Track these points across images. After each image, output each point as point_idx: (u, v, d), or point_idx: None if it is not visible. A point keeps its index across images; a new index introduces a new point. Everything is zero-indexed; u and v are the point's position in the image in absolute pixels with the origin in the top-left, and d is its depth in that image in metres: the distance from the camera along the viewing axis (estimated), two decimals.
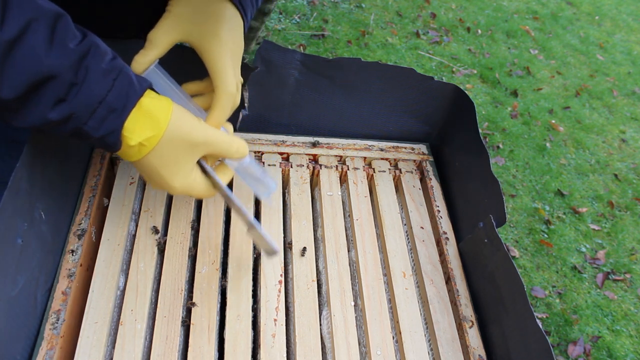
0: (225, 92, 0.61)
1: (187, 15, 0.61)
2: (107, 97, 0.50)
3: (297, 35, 2.69)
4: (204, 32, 0.61)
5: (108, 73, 0.50)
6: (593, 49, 3.20)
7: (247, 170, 0.64)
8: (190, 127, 0.56)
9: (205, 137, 0.58)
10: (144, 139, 0.53)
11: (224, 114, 0.62)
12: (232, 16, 0.63)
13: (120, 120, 0.52)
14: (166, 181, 0.58)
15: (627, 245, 2.07)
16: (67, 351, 0.61)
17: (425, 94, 0.84)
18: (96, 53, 0.50)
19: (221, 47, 0.62)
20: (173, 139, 0.55)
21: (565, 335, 1.73)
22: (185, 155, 0.57)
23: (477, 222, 0.71)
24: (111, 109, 0.51)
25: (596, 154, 2.46)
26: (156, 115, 0.54)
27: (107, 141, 0.52)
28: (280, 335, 0.63)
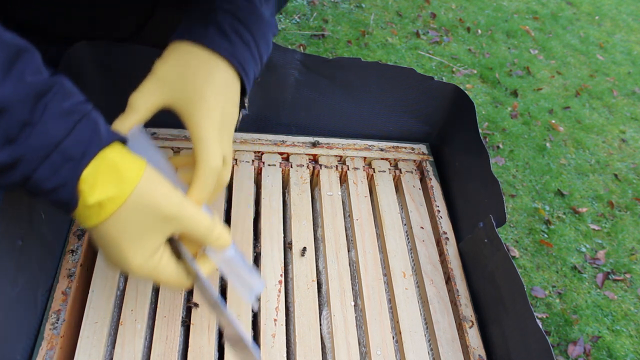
0: (207, 165, 0.52)
1: (172, 77, 0.54)
2: (65, 141, 0.42)
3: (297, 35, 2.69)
4: (189, 97, 0.53)
5: (69, 114, 0.43)
6: (593, 49, 3.20)
7: (230, 264, 0.53)
8: (163, 195, 0.47)
9: (179, 211, 0.47)
10: (105, 197, 0.44)
11: (205, 191, 0.52)
12: (225, 78, 0.55)
13: (76, 171, 0.43)
14: (124, 257, 0.47)
15: (627, 245, 2.07)
16: (67, 351, 0.61)
17: (425, 94, 0.84)
18: (60, 91, 0.43)
19: (206, 114, 0.53)
20: (139, 205, 0.46)
21: (565, 335, 1.73)
22: (151, 228, 0.47)
23: (477, 222, 0.71)
24: (67, 157, 0.42)
25: (596, 154, 2.46)
26: (123, 172, 0.45)
27: (60, 195, 0.43)
28: (280, 335, 0.63)
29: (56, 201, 0.44)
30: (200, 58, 0.54)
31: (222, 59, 0.55)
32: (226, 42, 0.55)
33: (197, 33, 0.55)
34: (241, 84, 0.58)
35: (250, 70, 0.58)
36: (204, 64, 0.54)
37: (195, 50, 0.54)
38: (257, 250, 0.72)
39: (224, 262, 0.53)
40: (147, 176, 0.46)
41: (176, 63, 0.54)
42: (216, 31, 0.55)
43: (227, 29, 0.56)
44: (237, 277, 0.54)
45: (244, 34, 0.57)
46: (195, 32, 0.55)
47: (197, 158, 0.52)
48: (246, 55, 0.57)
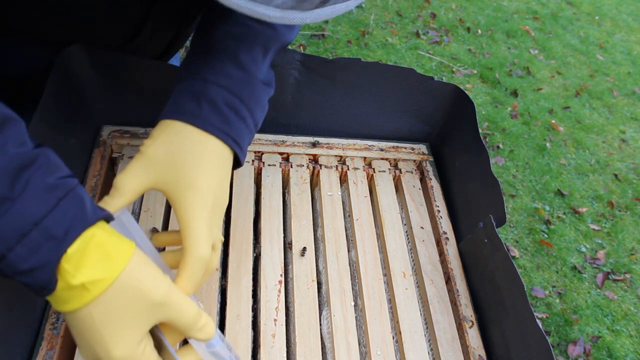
0: (195, 256, 0.49)
1: (161, 158, 0.51)
2: (46, 219, 0.39)
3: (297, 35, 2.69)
4: (179, 181, 0.50)
5: (53, 190, 0.40)
6: (593, 49, 3.21)
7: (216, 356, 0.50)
8: (152, 280, 0.44)
9: (167, 298, 0.44)
10: (91, 279, 0.40)
11: (193, 282, 0.49)
12: (219, 159, 0.53)
13: (58, 251, 0.39)
14: (105, 346, 0.42)
15: (627, 245, 2.07)
16: (67, 351, 0.61)
17: (425, 94, 0.84)
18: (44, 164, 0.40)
19: (197, 201, 0.50)
20: (127, 289, 0.42)
21: (565, 335, 1.73)
22: (137, 315, 0.43)
23: (477, 222, 0.71)
24: (49, 235, 0.39)
25: (596, 154, 2.46)
26: (111, 253, 0.42)
27: (37, 277, 0.39)
28: (280, 335, 0.63)
29: (32, 283, 0.40)
30: (193, 139, 0.52)
31: (216, 139, 0.53)
32: (221, 121, 0.53)
33: (190, 112, 0.52)
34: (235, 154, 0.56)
35: (245, 143, 0.57)
36: (197, 146, 0.52)
37: (187, 131, 0.52)
38: (257, 250, 0.72)
39: (209, 353, 0.50)
40: (135, 258, 0.43)
41: (167, 144, 0.51)
42: (210, 109, 0.53)
43: (222, 106, 0.54)
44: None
45: (239, 109, 0.55)
46: (187, 111, 0.53)
47: (185, 247, 0.49)
48: (242, 129, 0.55)
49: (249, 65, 0.57)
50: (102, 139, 0.78)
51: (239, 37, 0.58)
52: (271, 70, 0.63)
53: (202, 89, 0.54)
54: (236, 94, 0.55)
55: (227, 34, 0.58)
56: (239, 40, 0.58)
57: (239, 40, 0.58)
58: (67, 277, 0.40)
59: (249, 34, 0.59)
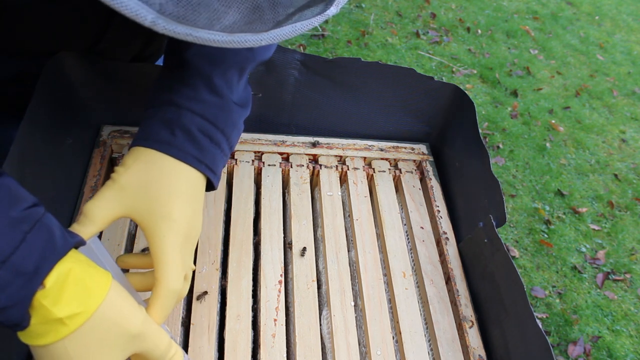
0: (168, 289, 0.48)
1: (134, 187, 0.49)
2: (14, 255, 0.37)
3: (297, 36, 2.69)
4: (152, 211, 0.49)
5: (18, 223, 0.38)
6: (593, 49, 3.21)
7: None
8: (129, 313, 0.43)
9: (143, 330, 0.44)
10: (68, 315, 0.39)
11: (165, 313, 0.48)
12: (193, 188, 0.52)
13: (30, 288, 0.38)
14: None
15: (627, 245, 2.07)
16: None
17: (425, 94, 0.84)
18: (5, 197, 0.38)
19: (171, 232, 0.49)
20: (104, 323, 0.41)
21: (565, 335, 1.73)
22: (113, 348, 0.42)
23: (477, 222, 0.71)
24: (18, 272, 0.37)
25: (596, 154, 2.46)
26: (89, 287, 0.41)
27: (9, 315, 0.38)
28: (280, 335, 0.63)
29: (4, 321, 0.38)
30: (167, 168, 0.51)
31: (190, 167, 0.52)
32: (195, 149, 0.52)
33: (164, 141, 0.52)
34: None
35: (220, 167, 0.56)
36: (171, 176, 0.51)
37: (161, 160, 0.51)
38: (257, 250, 0.72)
39: None
40: (112, 291, 0.43)
41: (140, 173, 0.50)
42: (184, 138, 0.52)
43: (196, 133, 0.53)
44: None
45: (214, 135, 0.54)
46: (161, 140, 0.52)
47: (158, 278, 0.48)
48: (216, 155, 0.55)
49: (224, 90, 0.56)
50: (102, 139, 0.78)
51: (213, 60, 0.56)
52: (248, 88, 0.61)
53: (175, 117, 0.53)
54: (211, 120, 0.54)
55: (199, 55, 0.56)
56: (213, 63, 0.56)
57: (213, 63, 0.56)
58: (44, 312, 0.39)
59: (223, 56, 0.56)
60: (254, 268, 0.69)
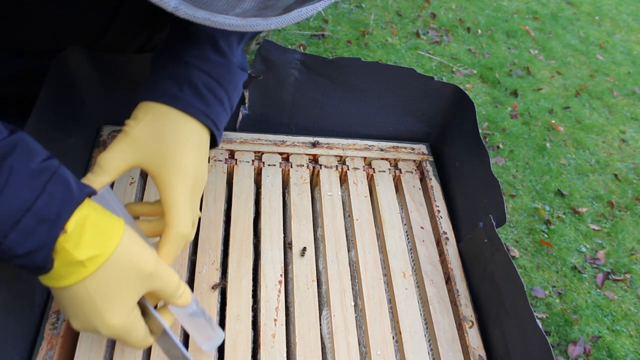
0: (178, 233, 0.52)
1: (145, 139, 0.53)
2: (36, 203, 0.40)
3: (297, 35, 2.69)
4: (163, 160, 0.53)
5: (38, 175, 0.41)
6: (593, 49, 3.21)
7: (191, 319, 0.54)
8: (142, 253, 0.47)
9: (156, 269, 0.48)
10: (88, 257, 0.43)
11: (174, 254, 0.53)
12: (199, 140, 0.55)
13: (53, 233, 0.41)
14: (101, 316, 0.46)
15: (627, 245, 2.07)
16: (67, 351, 0.61)
17: (425, 94, 0.84)
18: (24, 151, 0.41)
19: (181, 180, 0.53)
20: (120, 264, 0.45)
21: (565, 335, 1.73)
22: (130, 287, 0.47)
23: (477, 222, 0.71)
24: (41, 219, 0.41)
25: (596, 154, 2.46)
26: (105, 231, 0.45)
27: (34, 259, 0.41)
28: (280, 335, 0.63)
29: (29, 264, 0.41)
30: (175, 121, 0.54)
31: (196, 120, 0.55)
32: (201, 103, 0.55)
33: (172, 95, 0.54)
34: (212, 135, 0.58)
35: (222, 124, 0.59)
36: (179, 127, 0.54)
37: (169, 113, 0.54)
38: (257, 250, 0.72)
39: (186, 317, 0.54)
40: (126, 234, 0.46)
41: (150, 125, 0.53)
42: (191, 92, 0.55)
43: (203, 89, 0.56)
44: (198, 330, 0.55)
45: (218, 92, 0.57)
46: (170, 94, 0.54)
47: (168, 222, 0.52)
48: (220, 112, 0.58)
49: (226, 51, 0.59)
50: (102, 139, 0.78)
51: None
52: (244, 55, 0.65)
53: (183, 73, 0.56)
54: (216, 79, 0.57)
55: None
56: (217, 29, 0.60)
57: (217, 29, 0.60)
58: (66, 255, 0.42)
59: None
60: (254, 268, 0.69)
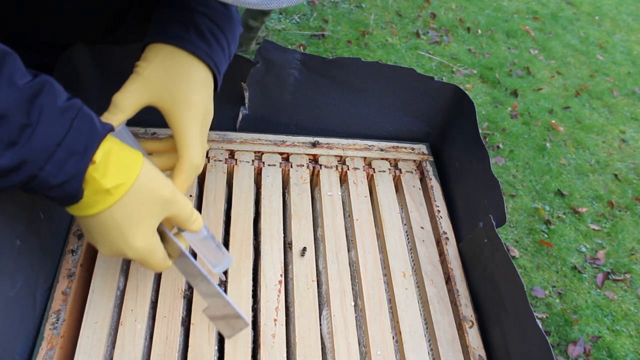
0: (191, 164, 0.57)
1: (157, 78, 0.56)
2: (66, 138, 0.44)
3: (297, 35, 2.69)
4: (174, 97, 0.57)
5: (65, 112, 0.45)
6: (593, 49, 3.21)
7: (203, 243, 0.59)
8: (160, 182, 0.52)
9: (173, 196, 0.53)
10: (114, 185, 0.47)
11: (187, 186, 0.58)
12: (205, 80, 0.59)
13: (83, 164, 0.45)
14: (127, 240, 0.50)
15: (627, 245, 2.07)
16: (67, 351, 0.61)
17: (425, 94, 0.84)
18: (51, 91, 0.44)
19: (192, 115, 0.57)
20: (142, 191, 0.50)
21: (565, 335, 1.73)
22: (151, 211, 0.51)
23: (477, 222, 0.71)
24: (71, 152, 0.44)
25: (596, 154, 2.46)
26: (128, 162, 0.49)
27: (67, 188, 0.45)
28: (280, 335, 0.63)
29: (61, 195, 0.46)
30: (182, 60, 0.57)
31: (201, 62, 0.59)
32: (205, 46, 0.59)
33: (179, 36, 0.58)
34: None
35: (222, 69, 0.63)
36: (186, 66, 0.57)
37: (177, 54, 0.57)
38: (257, 250, 0.72)
39: (198, 241, 0.58)
40: (145, 165, 0.51)
41: (160, 65, 0.56)
42: (197, 35, 0.58)
43: (206, 32, 0.59)
44: (209, 254, 0.60)
45: (219, 37, 0.61)
46: (176, 36, 0.58)
47: (181, 154, 0.57)
48: (221, 56, 0.61)
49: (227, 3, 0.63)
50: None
51: None
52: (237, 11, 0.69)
53: (189, 17, 0.59)
54: (218, 25, 0.61)
55: None
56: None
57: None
58: (95, 184, 0.47)
59: None
60: (254, 268, 0.69)
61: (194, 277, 0.56)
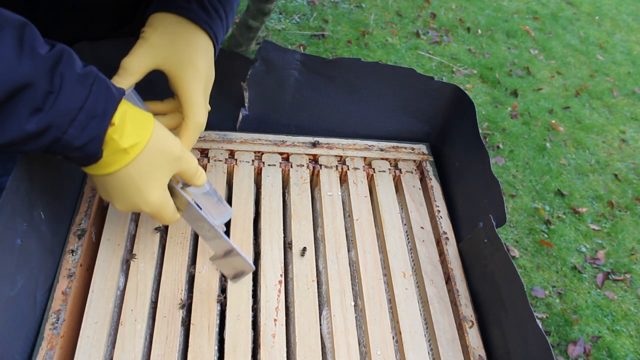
0: (196, 123, 0.62)
1: (163, 43, 0.60)
2: (86, 103, 0.48)
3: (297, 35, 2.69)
4: (180, 61, 0.61)
5: (84, 79, 0.48)
6: (593, 49, 3.21)
7: (206, 197, 0.64)
8: (170, 140, 0.56)
9: (182, 153, 0.57)
10: (131, 144, 0.52)
11: (192, 143, 0.63)
12: (206, 45, 0.63)
13: (103, 127, 0.49)
14: (143, 195, 0.55)
15: (627, 245, 2.07)
16: (67, 351, 0.61)
17: (425, 94, 0.84)
18: (69, 59, 0.48)
19: (196, 78, 0.61)
20: (155, 149, 0.54)
21: (565, 335, 1.73)
22: (163, 168, 0.56)
23: (477, 222, 0.71)
24: (92, 115, 0.48)
25: (596, 154, 2.46)
26: (140, 122, 0.53)
27: (88, 150, 0.49)
28: (280, 335, 0.63)
29: (82, 156, 0.50)
30: (185, 28, 0.61)
31: (202, 30, 0.63)
32: (205, 16, 0.63)
33: (181, 6, 0.62)
34: None
35: (221, 38, 0.66)
36: (189, 33, 0.62)
37: (180, 21, 0.61)
38: (257, 250, 0.72)
39: (201, 196, 0.63)
40: (157, 125, 0.55)
41: (166, 31, 0.60)
42: (198, 6, 0.63)
43: (206, 4, 0.63)
44: (211, 207, 0.65)
45: (218, 9, 0.65)
46: (179, 5, 0.62)
47: (187, 114, 0.62)
48: (219, 27, 0.65)
49: None
50: None
51: None
52: None
53: None
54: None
55: None
56: None
57: None
58: (113, 145, 0.51)
59: None
60: None
61: (201, 227, 0.61)
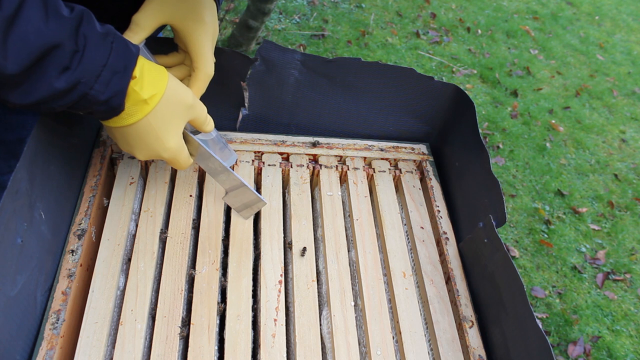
0: (206, 73, 0.67)
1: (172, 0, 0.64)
2: (109, 59, 0.52)
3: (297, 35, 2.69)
4: (189, 16, 0.65)
5: (104, 37, 0.52)
6: (593, 49, 3.21)
7: (213, 142, 0.71)
8: (183, 90, 0.61)
9: (194, 101, 0.63)
10: (150, 95, 0.56)
11: (201, 92, 0.68)
12: (211, 3, 0.67)
13: (125, 81, 0.54)
14: (162, 141, 0.60)
15: (627, 245, 2.07)
16: (67, 351, 0.61)
17: (425, 94, 0.84)
18: (89, 20, 0.51)
19: (204, 31, 0.66)
20: (171, 99, 0.59)
21: (565, 335, 1.73)
22: (179, 115, 0.61)
23: (477, 222, 0.71)
24: (114, 71, 0.53)
25: (596, 154, 2.46)
26: (156, 75, 0.57)
27: (112, 103, 0.54)
28: (280, 335, 0.63)
29: (107, 109, 0.54)
30: None
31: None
32: None
33: None
34: None
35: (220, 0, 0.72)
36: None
37: None
38: (257, 250, 0.72)
39: (210, 141, 0.70)
40: (171, 77, 0.60)
41: None
42: None
43: None
44: (218, 152, 0.72)
45: None
46: None
47: (197, 66, 0.66)
48: None
49: None
50: (102, 139, 0.78)
51: None
52: None
53: None
54: None
55: None
56: None
57: None
58: (135, 96, 0.56)
59: None
60: (254, 268, 0.69)
61: (213, 168, 0.68)
